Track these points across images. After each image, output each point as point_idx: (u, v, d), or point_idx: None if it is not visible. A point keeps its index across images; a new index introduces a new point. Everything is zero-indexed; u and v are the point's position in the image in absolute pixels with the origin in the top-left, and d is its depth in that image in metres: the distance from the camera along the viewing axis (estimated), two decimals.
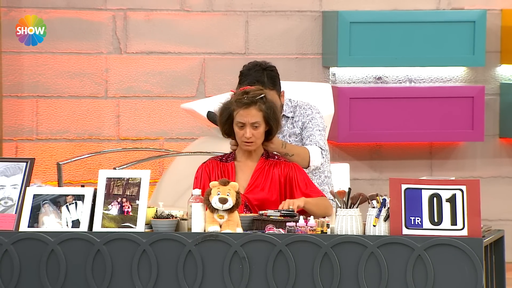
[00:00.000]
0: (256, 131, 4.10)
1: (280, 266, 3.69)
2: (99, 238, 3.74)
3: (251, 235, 3.73)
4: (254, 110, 4.09)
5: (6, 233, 3.77)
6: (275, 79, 4.40)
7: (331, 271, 3.68)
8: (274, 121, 4.11)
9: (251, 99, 4.09)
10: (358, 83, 5.96)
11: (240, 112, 4.10)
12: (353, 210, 3.75)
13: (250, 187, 4.11)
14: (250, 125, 4.09)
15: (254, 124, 4.09)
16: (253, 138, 4.09)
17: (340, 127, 5.78)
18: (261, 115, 4.10)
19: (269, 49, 5.89)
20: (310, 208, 3.96)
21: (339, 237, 3.70)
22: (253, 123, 4.09)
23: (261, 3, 5.87)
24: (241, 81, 4.38)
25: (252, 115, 4.09)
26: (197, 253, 3.71)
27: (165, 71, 5.86)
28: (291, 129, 4.42)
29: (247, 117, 4.09)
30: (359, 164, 5.94)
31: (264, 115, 4.10)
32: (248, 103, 4.09)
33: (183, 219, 3.85)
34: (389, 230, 3.72)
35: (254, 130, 4.09)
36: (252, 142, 4.10)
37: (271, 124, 4.11)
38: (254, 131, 4.09)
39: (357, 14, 5.82)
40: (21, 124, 5.70)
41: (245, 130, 4.07)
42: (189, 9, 5.85)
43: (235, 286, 3.70)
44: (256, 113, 4.09)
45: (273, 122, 4.11)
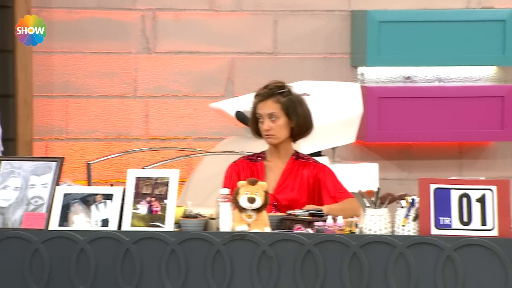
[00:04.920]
0: (275, 123, 4.07)
1: (309, 266, 3.69)
2: (128, 237, 3.76)
3: (279, 235, 3.73)
4: (270, 102, 4.08)
5: (36, 232, 3.80)
6: None
7: (360, 271, 3.67)
8: (294, 115, 4.07)
9: (268, 92, 4.09)
10: (387, 83, 5.94)
11: (259, 105, 4.10)
12: (382, 210, 3.74)
13: (279, 187, 4.10)
14: (267, 117, 4.07)
15: (271, 116, 4.06)
16: (272, 131, 4.06)
17: (368, 127, 5.77)
18: (279, 106, 4.07)
19: (297, 48, 5.88)
20: (335, 215, 3.94)
21: (367, 237, 3.69)
22: (270, 114, 4.06)
23: (290, 3, 5.87)
24: None
25: (268, 106, 4.07)
26: (226, 252, 3.72)
27: (194, 71, 5.87)
28: None
29: (263, 108, 4.08)
30: (388, 164, 5.91)
31: (283, 107, 4.06)
32: (265, 95, 4.08)
33: (211, 218, 3.85)
34: (418, 230, 3.70)
35: (272, 122, 4.07)
36: (273, 135, 4.07)
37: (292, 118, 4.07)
38: (272, 123, 4.07)
39: (386, 14, 5.80)
40: (51, 124, 5.74)
41: (264, 123, 4.06)
42: (217, 8, 5.86)
43: (263, 286, 3.70)
44: (273, 105, 4.08)
45: (293, 116, 4.07)
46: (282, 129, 4.07)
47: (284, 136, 4.09)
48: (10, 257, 3.76)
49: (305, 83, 5.29)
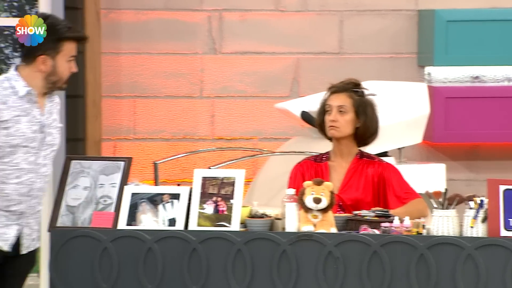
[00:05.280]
0: (342, 117, 4.05)
1: (375, 267, 3.67)
2: (194, 237, 3.78)
3: (345, 235, 3.72)
4: (343, 96, 4.07)
5: (105, 231, 3.84)
6: None
7: (427, 273, 3.64)
8: (363, 115, 4.06)
9: (344, 86, 4.08)
10: (454, 83, 5.87)
11: (331, 96, 4.09)
12: (450, 211, 3.70)
13: (344, 187, 4.09)
14: (336, 109, 4.05)
15: (340, 108, 4.05)
16: (337, 123, 4.05)
17: (435, 127, 5.71)
18: (350, 102, 4.06)
19: (363, 48, 5.85)
20: None
21: (435, 238, 3.66)
22: (339, 106, 4.05)
23: (356, 2, 5.84)
24: None
25: (340, 99, 4.06)
26: (292, 252, 3.72)
27: (260, 71, 5.88)
28: None
29: (334, 100, 4.07)
30: (455, 164, 5.85)
31: (354, 104, 4.05)
32: (340, 88, 4.08)
33: (277, 218, 3.86)
34: (487, 232, 3.66)
35: (340, 115, 4.05)
36: (337, 127, 4.05)
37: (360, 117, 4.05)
38: (340, 116, 4.05)
39: (454, 13, 5.74)
40: (119, 124, 5.80)
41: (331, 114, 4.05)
42: (283, 9, 5.86)
43: (329, 287, 3.69)
44: (345, 99, 4.07)
45: (362, 116, 4.06)
46: (347, 125, 4.05)
47: (348, 132, 4.07)
48: (80, 256, 3.81)
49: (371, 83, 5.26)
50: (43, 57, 3.68)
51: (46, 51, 3.68)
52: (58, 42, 3.68)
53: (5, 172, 3.56)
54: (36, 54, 3.69)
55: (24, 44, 3.68)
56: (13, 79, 3.68)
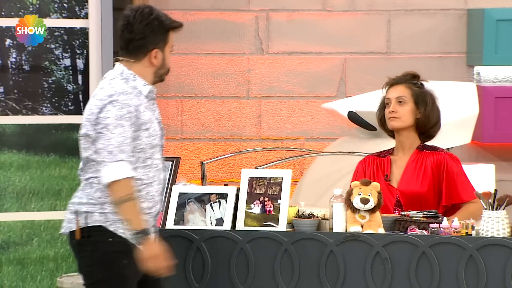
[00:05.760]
0: (402, 107, 4.03)
1: (423, 268, 3.64)
2: (242, 237, 3.79)
3: (393, 236, 3.70)
4: (402, 87, 4.05)
5: None
6: None
7: (477, 274, 3.61)
8: (423, 105, 4.02)
9: (402, 78, 4.07)
10: (504, 82, 5.81)
11: (389, 89, 4.07)
12: (500, 212, 3.66)
13: (402, 181, 4.05)
14: (395, 100, 4.03)
15: (399, 99, 4.03)
16: (397, 114, 4.02)
17: (484, 127, 5.65)
18: (409, 92, 4.03)
19: (411, 48, 5.81)
20: None
21: (485, 239, 3.62)
22: (398, 97, 4.02)
23: (404, 2, 5.81)
24: None
25: (398, 90, 4.04)
26: (339, 253, 3.70)
27: (306, 71, 5.87)
28: None
29: (393, 92, 4.05)
30: (505, 165, 5.78)
31: (413, 94, 4.02)
32: (398, 80, 4.06)
33: (324, 218, 3.85)
34: None
35: (399, 106, 4.03)
36: (396, 118, 4.02)
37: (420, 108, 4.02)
38: (399, 107, 4.03)
39: (504, 12, 5.68)
40: (167, 124, 5.83)
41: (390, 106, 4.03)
42: (330, 9, 5.84)
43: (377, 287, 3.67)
44: (403, 89, 4.04)
45: (421, 106, 4.02)
46: (407, 115, 4.01)
47: (408, 123, 4.03)
48: None
49: None
50: (156, 50, 3.54)
51: (157, 44, 3.54)
52: (166, 34, 3.56)
53: (149, 175, 3.50)
54: (148, 49, 3.53)
55: (121, 38, 3.54)
56: (130, 78, 3.55)
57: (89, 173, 3.51)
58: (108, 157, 3.44)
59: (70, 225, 3.51)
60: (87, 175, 3.51)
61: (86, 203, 3.49)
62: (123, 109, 3.47)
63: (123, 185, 3.43)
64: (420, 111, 4.03)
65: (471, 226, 3.68)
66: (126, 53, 3.58)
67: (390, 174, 4.03)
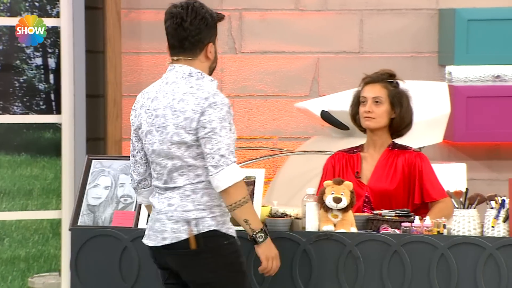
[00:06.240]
0: (378, 108, 4.04)
1: (395, 267, 3.66)
2: None
3: (365, 235, 3.71)
4: (378, 86, 4.06)
5: (125, 230, 3.85)
6: None
7: (448, 273, 3.62)
8: (398, 106, 4.04)
9: (379, 76, 4.07)
10: (475, 82, 5.84)
11: (365, 88, 4.08)
12: (471, 210, 3.68)
13: (373, 178, 4.07)
14: (371, 100, 4.04)
15: (375, 99, 4.04)
16: (373, 114, 4.03)
17: (456, 127, 5.68)
18: (386, 93, 4.04)
19: (383, 47, 5.84)
20: None
21: (456, 238, 3.64)
22: (375, 97, 4.03)
23: (376, 2, 5.83)
24: None
25: (375, 90, 4.05)
26: (312, 252, 3.71)
27: (279, 71, 5.88)
28: None
29: (369, 91, 4.06)
30: (476, 164, 5.82)
31: (389, 95, 4.03)
32: (375, 79, 4.07)
33: (297, 218, 3.85)
34: (508, 232, 3.64)
35: (375, 106, 4.04)
36: (372, 118, 4.03)
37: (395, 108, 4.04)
38: (375, 107, 4.04)
39: (475, 12, 5.71)
40: None
41: (366, 105, 4.04)
42: (303, 8, 5.85)
43: (349, 286, 3.68)
44: (380, 89, 4.05)
45: (397, 107, 4.04)
46: (383, 115, 4.03)
47: (383, 124, 4.05)
48: (100, 255, 3.82)
49: None
50: (210, 44, 3.45)
51: (211, 38, 3.45)
52: (215, 26, 3.47)
53: None
54: (204, 44, 3.43)
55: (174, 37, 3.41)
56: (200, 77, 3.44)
57: (185, 180, 3.40)
58: (222, 161, 3.36)
59: (176, 235, 3.39)
60: (182, 182, 3.40)
61: (194, 209, 3.40)
62: (222, 110, 3.40)
63: (241, 186, 3.39)
64: (395, 112, 4.06)
65: (442, 225, 3.70)
66: (181, 51, 3.45)
67: (360, 171, 4.04)
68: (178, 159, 3.41)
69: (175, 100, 3.45)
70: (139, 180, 3.57)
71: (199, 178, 3.41)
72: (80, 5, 5.33)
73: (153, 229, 3.47)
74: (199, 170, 3.41)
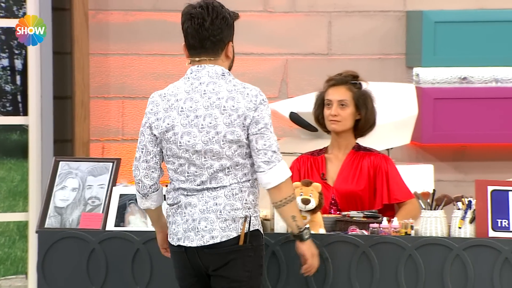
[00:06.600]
0: (343, 111, 4.05)
1: (364, 268, 3.67)
2: None
3: (334, 236, 3.72)
4: (343, 89, 4.07)
5: (93, 232, 3.84)
6: None
7: (416, 274, 3.65)
8: (363, 108, 4.06)
9: (342, 79, 4.08)
10: (442, 84, 5.88)
11: (329, 90, 4.09)
12: (438, 211, 3.71)
13: (339, 179, 4.08)
14: (337, 103, 4.06)
15: (341, 102, 4.05)
16: (339, 117, 4.05)
17: (423, 128, 5.72)
18: (350, 95, 4.06)
19: (352, 49, 5.86)
20: None
21: (423, 239, 3.66)
22: (340, 100, 4.05)
23: (344, 4, 5.85)
24: None
25: (340, 93, 4.06)
26: (280, 253, 3.72)
27: (248, 72, 5.88)
28: None
29: (334, 94, 4.07)
30: (443, 165, 5.86)
31: (354, 97, 4.05)
32: (339, 81, 4.08)
33: (266, 219, 3.86)
34: (475, 233, 3.66)
35: (341, 109, 4.05)
36: (338, 121, 4.05)
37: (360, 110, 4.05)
38: (341, 110, 4.05)
39: (442, 14, 5.75)
40: (107, 125, 5.79)
41: (331, 108, 4.05)
42: (272, 10, 5.86)
43: (318, 287, 3.69)
44: (345, 92, 4.07)
45: (362, 109, 4.06)
46: (348, 118, 4.05)
47: (348, 126, 4.07)
48: (68, 257, 3.80)
49: None
50: (230, 43, 3.44)
51: (230, 37, 3.43)
52: (233, 25, 3.44)
53: None
54: (225, 43, 3.41)
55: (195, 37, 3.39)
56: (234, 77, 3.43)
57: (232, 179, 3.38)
58: (275, 157, 3.38)
59: (226, 233, 3.37)
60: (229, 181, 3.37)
61: (242, 208, 3.39)
62: (268, 108, 3.44)
63: (290, 182, 3.43)
64: (360, 114, 4.07)
65: (410, 226, 3.72)
66: (203, 51, 3.41)
67: (326, 173, 4.06)
68: (228, 159, 3.39)
69: (221, 99, 3.40)
70: (151, 185, 3.50)
71: (246, 177, 3.41)
72: (47, 6, 5.30)
73: (196, 229, 3.40)
74: (246, 169, 3.41)
